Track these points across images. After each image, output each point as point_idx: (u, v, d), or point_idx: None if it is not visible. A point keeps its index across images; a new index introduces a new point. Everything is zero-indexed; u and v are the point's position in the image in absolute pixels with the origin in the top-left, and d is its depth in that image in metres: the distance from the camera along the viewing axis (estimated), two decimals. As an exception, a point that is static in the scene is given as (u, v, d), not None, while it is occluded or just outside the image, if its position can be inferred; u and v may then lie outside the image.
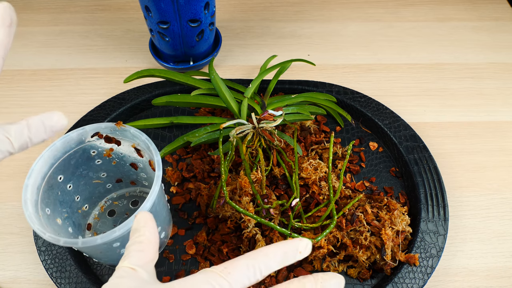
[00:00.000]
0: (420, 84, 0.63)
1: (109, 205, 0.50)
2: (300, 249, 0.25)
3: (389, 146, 0.54)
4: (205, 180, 0.51)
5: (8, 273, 0.46)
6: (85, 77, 0.63)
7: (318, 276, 0.25)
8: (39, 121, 0.27)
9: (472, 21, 0.72)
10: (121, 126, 0.40)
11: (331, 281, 0.25)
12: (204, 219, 0.49)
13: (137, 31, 0.70)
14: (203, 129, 0.51)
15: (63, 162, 0.40)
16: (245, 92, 0.52)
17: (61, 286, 0.43)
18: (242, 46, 0.68)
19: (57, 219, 0.40)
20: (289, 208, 0.45)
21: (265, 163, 0.49)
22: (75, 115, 0.58)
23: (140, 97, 0.57)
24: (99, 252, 0.38)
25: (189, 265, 0.46)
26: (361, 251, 0.44)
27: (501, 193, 0.53)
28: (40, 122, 0.27)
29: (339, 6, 0.74)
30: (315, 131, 0.55)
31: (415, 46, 0.69)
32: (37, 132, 0.27)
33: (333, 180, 0.48)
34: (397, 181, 0.52)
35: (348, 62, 0.66)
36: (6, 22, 0.27)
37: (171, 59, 0.62)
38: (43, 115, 0.28)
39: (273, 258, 0.25)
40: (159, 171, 0.37)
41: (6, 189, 0.52)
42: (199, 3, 0.53)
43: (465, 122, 0.59)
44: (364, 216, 0.45)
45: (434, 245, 0.45)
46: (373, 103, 0.57)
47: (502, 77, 0.65)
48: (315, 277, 0.25)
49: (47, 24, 0.71)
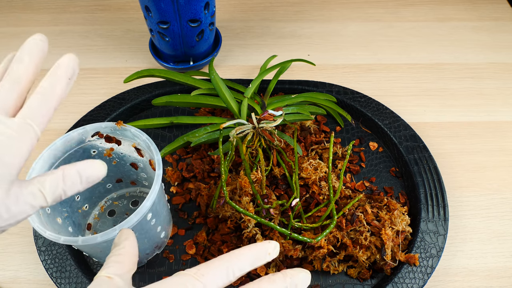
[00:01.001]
0: (420, 84, 0.63)
1: (109, 205, 0.50)
2: (269, 250, 0.27)
3: (389, 146, 0.54)
4: (205, 180, 0.51)
5: (8, 273, 0.46)
6: (85, 77, 0.63)
7: (287, 272, 0.26)
8: (76, 172, 0.26)
9: (472, 21, 0.72)
10: (121, 125, 0.40)
11: (299, 275, 0.26)
12: (204, 219, 0.49)
13: (137, 31, 0.70)
14: (203, 129, 0.51)
15: (63, 161, 0.40)
16: (245, 92, 0.52)
17: (61, 286, 0.43)
18: (242, 46, 0.68)
19: (57, 218, 0.40)
20: (289, 208, 0.45)
21: (265, 163, 0.49)
22: (75, 115, 0.58)
23: (140, 97, 0.57)
24: (99, 251, 0.38)
25: (189, 265, 0.46)
26: (361, 251, 0.44)
27: (501, 193, 0.53)
28: (77, 173, 0.26)
29: (339, 6, 0.74)
30: (315, 131, 0.55)
31: (415, 46, 0.69)
32: (73, 185, 0.26)
33: (333, 180, 0.48)
34: (397, 181, 0.52)
35: (348, 62, 0.66)
36: (68, 74, 0.26)
37: (171, 59, 0.62)
38: (81, 165, 0.26)
39: (244, 260, 0.26)
40: (159, 170, 0.37)
41: (6, 189, 0.52)
42: (199, 3, 0.53)
43: (465, 122, 0.59)
44: (364, 216, 0.45)
45: (434, 245, 0.45)
46: (373, 103, 0.57)
47: (502, 77, 0.65)
48: (283, 273, 0.26)
49: (47, 24, 0.71)
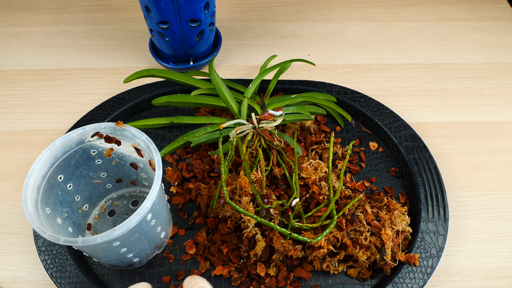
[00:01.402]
0: (420, 84, 0.63)
1: (109, 205, 0.50)
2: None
3: (389, 146, 0.54)
4: (205, 180, 0.51)
5: (8, 273, 0.46)
6: (85, 77, 0.63)
7: None
8: None
9: (472, 21, 0.72)
10: (121, 126, 0.40)
11: None
12: (204, 219, 0.49)
13: (137, 31, 0.70)
14: (203, 129, 0.51)
15: (63, 162, 0.40)
16: (245, 92, 0.52)
17: (61, 286, 0.43)
18: (242, 46, 0.68)
19: (57, 218, 0.40)
20: (289, 208, 0.45)
21: (265, 163, 0.49)
22: (75, 115, 0.58)
23: (140, 97, 0.57)
24: (99, 252, 0.38)
25: (189, 265, 0.46)
26: (361, 251, 0.44)
27: (501, 193, 0.53)
28: None
29: (339, 6, 0.74)
30: (315, 131, 0.55)
31: (415, 46, 0.69)
32: None
33: (333, 180, 0.48)
34: (397, 181, 0.52)
35: (348, 62, 0.66)
36: None
37: (171, 59, 0.62)
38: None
39: None
40: (159, 170, 0.37)
41: (6, 189, 0.52)
42: (199, 3, 0.53)
43: (465, 122, 0.59)
44: (364, 216, 0.45)
45: (434, 245, 0.45)
46: (373, 103, 0.57)
47: (502, 77, 0.65)
48: None
49: (47, 24, 0.71)
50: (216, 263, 0.46)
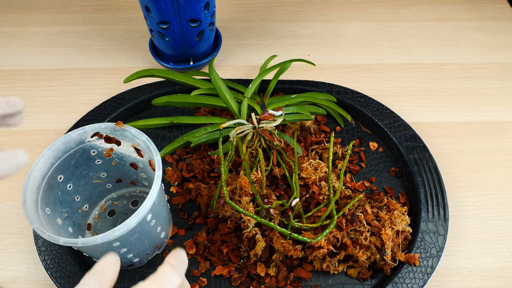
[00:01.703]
0: (420, 84, 0.63)
1: (109, 205, 0.50)
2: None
3: (389, 146, 0.54)
4: (205, 180, 0.51)
5: (8, 273, 0.46)
6: (85, 77, 0.63)
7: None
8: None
9: (472, 21, 0.72)
10: (121, 126, 0.40)
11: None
12: (204, 219, 0.49)
13: (137, 31, 0.70)
14: (203, 129, 0.51)
15: (63, 162, 0.40)
16: (245, 92, 0.52)
17: (61, 286, 0.43)
18: (242, 46, 0.68)
19: (57, 219, 0.40)
20: (289, 208, 0.45)
21: (265, 163, 0.49)
22: (75, 115, 0.58)
23: (140, 97, 0.57)
24: (99, 252, 0.38)
25: (189, 265, 0.46)
26: (361, 251, 0.44)
27: (501, 193, 0.53)
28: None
29: (339, 6, 0.74)
30: (315, 131, 0.55)
31: (415, 46, 0.69)
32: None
33: (333, 180, 0.48)
34: (397, 181, 0.52)
35: (348, 62, 0.66)
36: None
37: (171, 59, 0.62)
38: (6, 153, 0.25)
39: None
40: (159, 171, 0.37)
41: (6, 189, 0.52)
42: (199, 3, 0.53)
43: (465, 122, 0.59)
44: (364, 216, 0.45)
45: (434, 245, 0.45)
46: (373, 103, 0.57)
47: (502, 77, 0.65)
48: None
49: (47, 24, 0.71)
50: (216, 263, 0.46)
